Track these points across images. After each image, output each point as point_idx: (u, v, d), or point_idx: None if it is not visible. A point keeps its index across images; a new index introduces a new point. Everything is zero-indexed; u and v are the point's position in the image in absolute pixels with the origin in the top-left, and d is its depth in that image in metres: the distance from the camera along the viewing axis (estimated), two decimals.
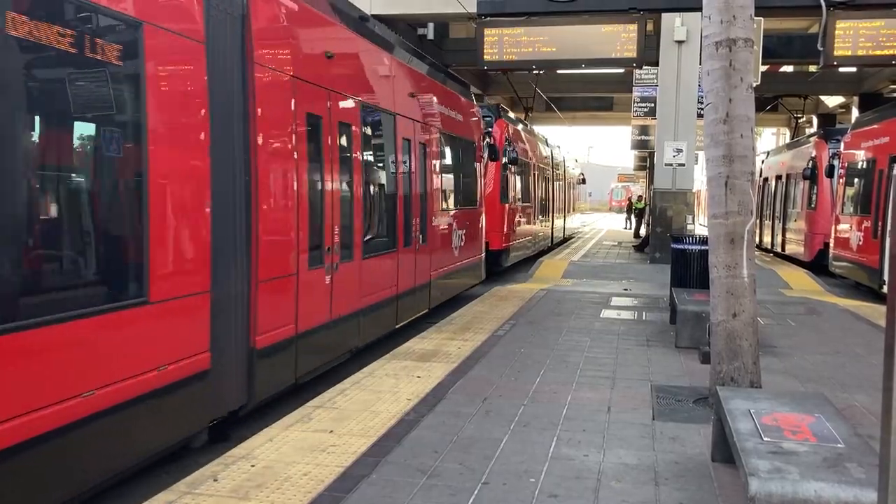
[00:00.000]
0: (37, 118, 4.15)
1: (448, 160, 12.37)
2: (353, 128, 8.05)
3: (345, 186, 7.85)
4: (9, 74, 3.83)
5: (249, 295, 5.92)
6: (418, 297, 10.46)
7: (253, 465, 4.75)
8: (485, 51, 16.83)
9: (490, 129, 16.11)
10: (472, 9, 17.08)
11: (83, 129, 4.58)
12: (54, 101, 4.24)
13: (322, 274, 7.22)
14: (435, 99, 11.43)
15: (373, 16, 11.81)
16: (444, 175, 11.84)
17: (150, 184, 4.79)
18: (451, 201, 12.37)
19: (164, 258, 5.01)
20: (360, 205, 8.19)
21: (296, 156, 6.62)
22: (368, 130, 8.78)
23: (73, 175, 4.58)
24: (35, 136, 4.20)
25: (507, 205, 17.12)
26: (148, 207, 4.78)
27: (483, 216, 14.19)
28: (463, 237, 12.52)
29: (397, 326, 9.50)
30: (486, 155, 14.96)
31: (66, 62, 4.18)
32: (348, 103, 7.89)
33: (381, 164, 9.38)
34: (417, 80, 10.63)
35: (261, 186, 6.04)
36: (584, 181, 36.36)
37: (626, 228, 41.38)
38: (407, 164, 9.96)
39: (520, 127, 20.70)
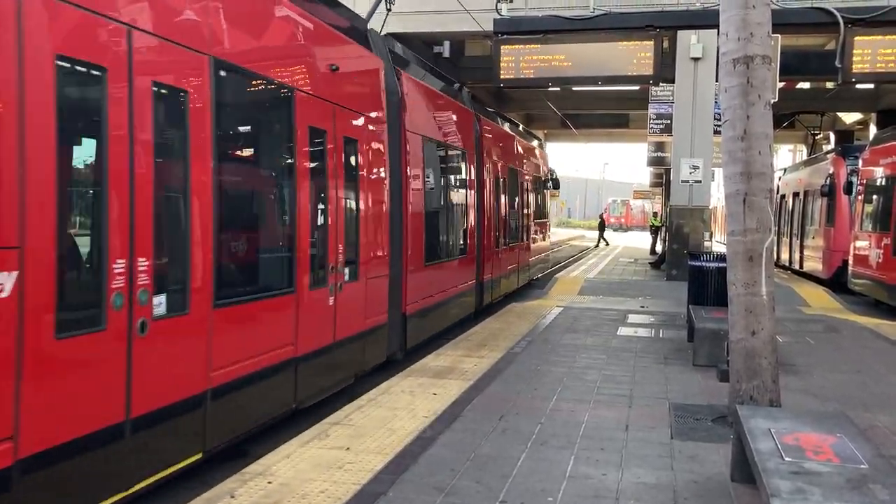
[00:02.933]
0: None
1: None
2: None
3: None
4: None
5: None
6: None
7: (270, 482, 4.74)
8: (501, 68, 16.90)
9: None
10: (489, 27, 17.18)
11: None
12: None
13: None
14: None
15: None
16: None
17: None
18: None
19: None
20: None
21: None
22: None
23: None
24: None
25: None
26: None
27: None
28: None
29: None
30: None
31: None
32: None
33: None
34: None
35: None
36: (556, 184, 22.50)
37: (595, 246, 40.40)
38: None
39: None
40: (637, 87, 23.82)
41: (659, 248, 29.43)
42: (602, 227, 43.22)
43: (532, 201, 18.73)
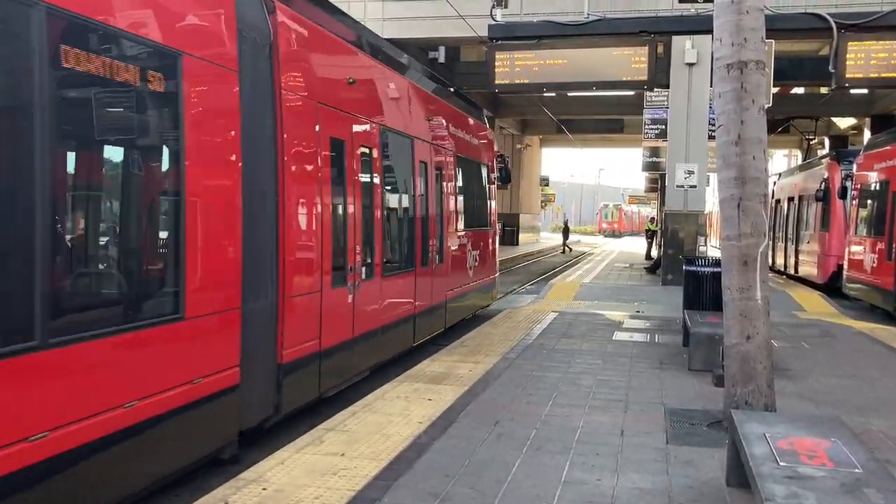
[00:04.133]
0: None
1: None
2: None
3: None
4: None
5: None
6: None
7: (264, 489, 4.72)
8: (496, 74, 16.90)
9: None
10: (483, 32, 17.22)
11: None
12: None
13: None
14: None
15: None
16: None
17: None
18: None
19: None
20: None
21: None
22: None
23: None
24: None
25: None
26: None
27: None
28: None
29: None
30: None
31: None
32: None
33: None
34: None
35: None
36: (505, 177, 15.55)
37: (563, 252, 40.17)
38: None
39: None
40: (632, 93, 23.92)
41: (654, 253, 29.47)
42: (566, 232, 42.85)
43: (456, 198, 12.06)
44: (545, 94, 25.59)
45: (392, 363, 9.06)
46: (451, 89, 13.11)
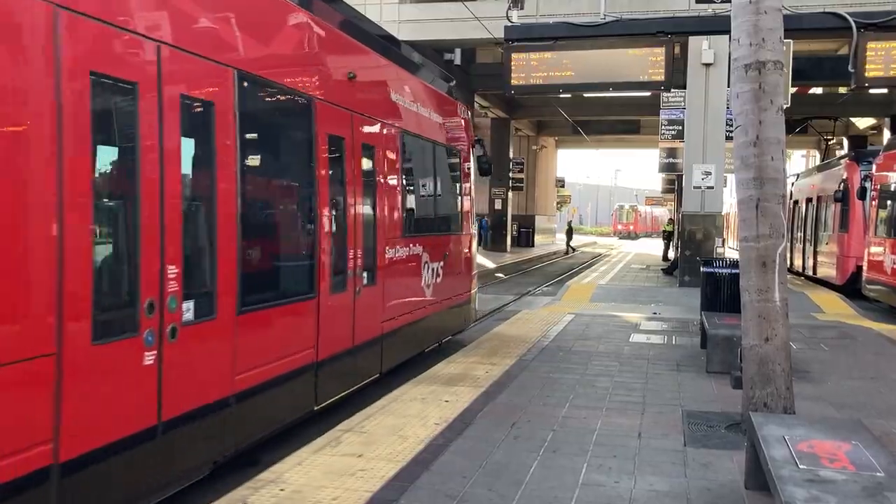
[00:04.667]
0: None
1: None
2: None
3: None
4: None
5: None
6: None
7: (282, 490, 4.75)
8: (512, 75, 16.92)
9: None
10: (499, 34, 17.23)
11: None
12: None
13: None
14: None
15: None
16: None
17: None
18: None
19: None
20: None
21: None
22: None
23: None
24: None
25: None
26: None
27: None
28: None
29: None
30: None
31: None
32: None
33: None
34: None
35: None
36: (485, 168, 11.66)
37: (566, 252, 40.14)
38: None
39: None
40: (648, 94, 23.85)
41: (671, 254, 29.34)
42: (570, 233, 42.91)
43: (404, 193, 8.96)
44: (561, 96, 25.56)
45: (401, 368, 8.77)
46: (395, 41, 9.56)
